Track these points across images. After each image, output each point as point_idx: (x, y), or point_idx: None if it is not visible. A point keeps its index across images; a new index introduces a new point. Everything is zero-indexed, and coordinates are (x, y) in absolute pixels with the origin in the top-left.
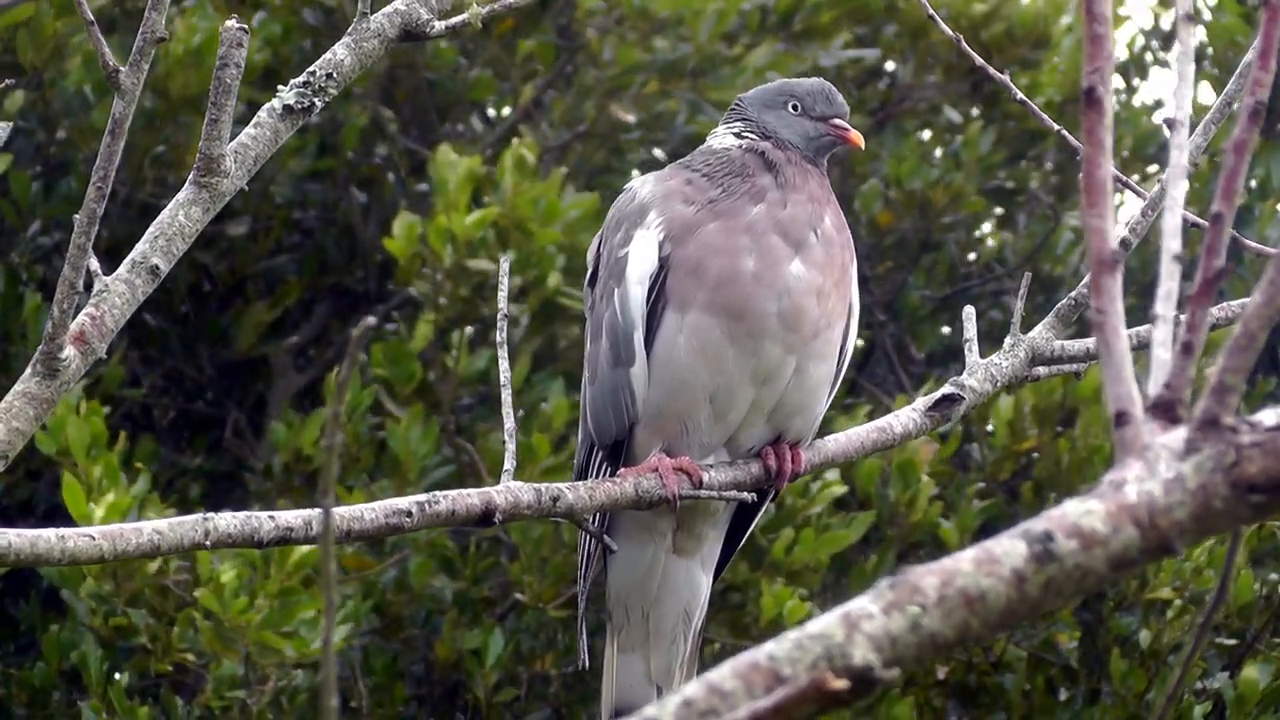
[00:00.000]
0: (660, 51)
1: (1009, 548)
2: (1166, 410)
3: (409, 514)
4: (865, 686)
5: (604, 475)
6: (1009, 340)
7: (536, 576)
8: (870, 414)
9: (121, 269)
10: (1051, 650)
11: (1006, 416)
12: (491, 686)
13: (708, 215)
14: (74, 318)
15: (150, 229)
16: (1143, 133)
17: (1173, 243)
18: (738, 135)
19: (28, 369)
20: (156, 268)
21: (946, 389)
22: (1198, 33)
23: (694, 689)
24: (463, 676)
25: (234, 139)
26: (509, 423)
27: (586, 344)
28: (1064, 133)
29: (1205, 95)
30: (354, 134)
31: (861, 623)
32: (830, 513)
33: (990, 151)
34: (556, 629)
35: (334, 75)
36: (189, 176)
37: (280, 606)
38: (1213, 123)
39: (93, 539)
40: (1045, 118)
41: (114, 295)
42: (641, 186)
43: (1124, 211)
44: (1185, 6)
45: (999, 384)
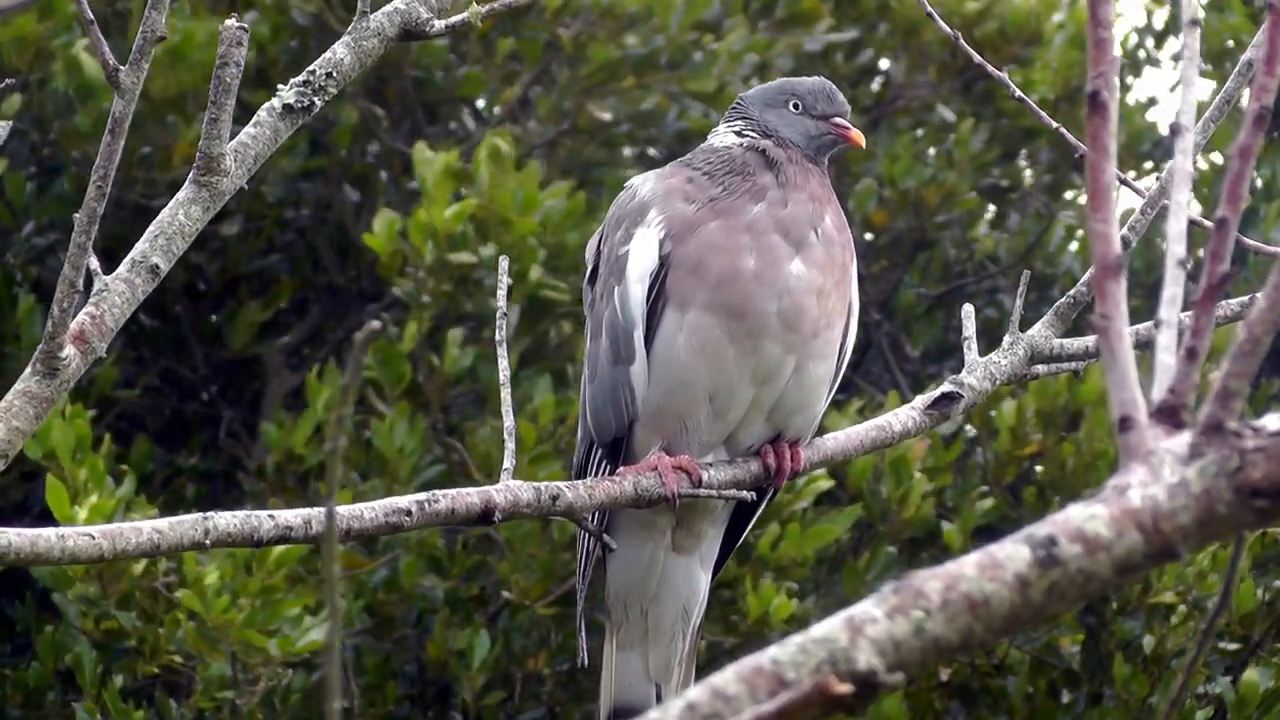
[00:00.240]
0: (632, 47)
1: (1012, 552)
2: (1171, 415)
3: (409, 513)
4: (869, 691)
5: (603, 473)
6: (1008, 338)
7: (524, 574)
8: (862, 410)
9: (121, 268)
10: (1054, 654)
11: (1010, 420)
12: (479, 689)
13: (708, 214)
14: (74, 317)
15: (150, 228)
16: (1136, 130)
17: (1177, 248)
18: (739, 134)
19: (28, 368)
20: (156, 267)
21: (945, 387)
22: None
23: (697, 692)
24: (453, 677)
25: (232, 138)
26: (508, 421)
27: (586, 341)
28: (1062, 130)
29: (1202, 91)
30: (346, 132)
31: (865, 627)
32: (817, 508)
33: (983, 150)
34: (549, 627)
35: (334, 74)
36: (189, 175)
37: (263, 605)
38: (1211, 121)
39: (92, 538)
40: (1043, 115)
41: (114, 294)
42: (642, 184)
43: (1120, 208)
44: (1190, 12)
45: (998, 382)
